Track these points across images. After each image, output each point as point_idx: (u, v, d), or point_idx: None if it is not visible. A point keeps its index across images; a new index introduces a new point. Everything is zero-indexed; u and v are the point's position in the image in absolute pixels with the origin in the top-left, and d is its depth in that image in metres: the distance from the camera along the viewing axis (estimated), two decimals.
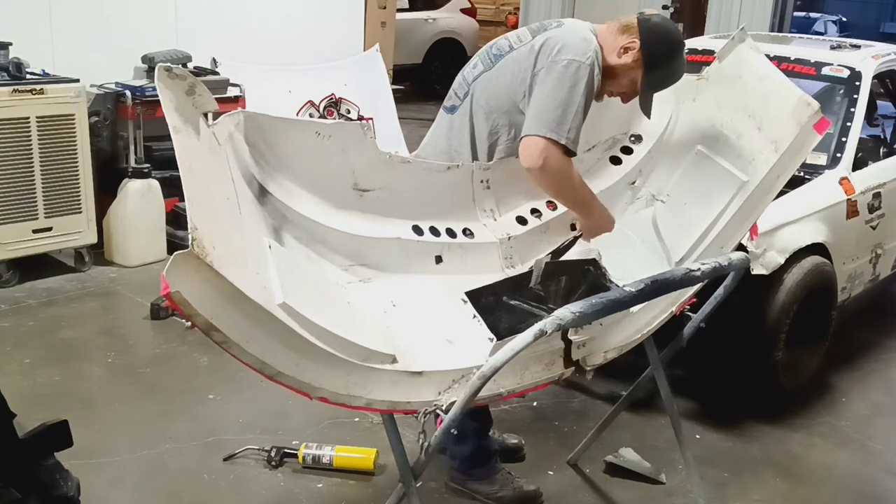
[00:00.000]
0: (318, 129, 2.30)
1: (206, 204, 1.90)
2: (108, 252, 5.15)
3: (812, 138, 2.68)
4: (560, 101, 2.50)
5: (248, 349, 1.89)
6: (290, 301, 1.95)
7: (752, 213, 2.79)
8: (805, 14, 21.51)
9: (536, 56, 2.60)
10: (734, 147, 2.76)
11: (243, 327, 1.86)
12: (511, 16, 12.23)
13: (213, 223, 1.85)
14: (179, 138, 1.93)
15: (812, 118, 2.63)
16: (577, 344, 2.48)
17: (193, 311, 1.76)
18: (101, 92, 5.21)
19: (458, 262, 2.58)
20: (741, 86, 2.79)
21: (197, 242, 1.73)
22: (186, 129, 1.97)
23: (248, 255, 1.99)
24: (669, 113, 2.93)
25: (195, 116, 2.00)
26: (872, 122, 4.67)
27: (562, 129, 2.48)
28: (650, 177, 2.94)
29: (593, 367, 2.58)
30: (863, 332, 4.63)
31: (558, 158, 2.49)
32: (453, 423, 2.11)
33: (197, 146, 1.98)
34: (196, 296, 1.75)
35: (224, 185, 2.04)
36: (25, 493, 1.73)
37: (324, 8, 6.79)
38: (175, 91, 1.99)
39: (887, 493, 3.38)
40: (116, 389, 3.75)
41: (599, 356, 2.59)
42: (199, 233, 1.75)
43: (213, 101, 2.06)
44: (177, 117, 1.95)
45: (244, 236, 2.05)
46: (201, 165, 1.97)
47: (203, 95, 2.03)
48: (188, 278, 1.73)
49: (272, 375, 1.96)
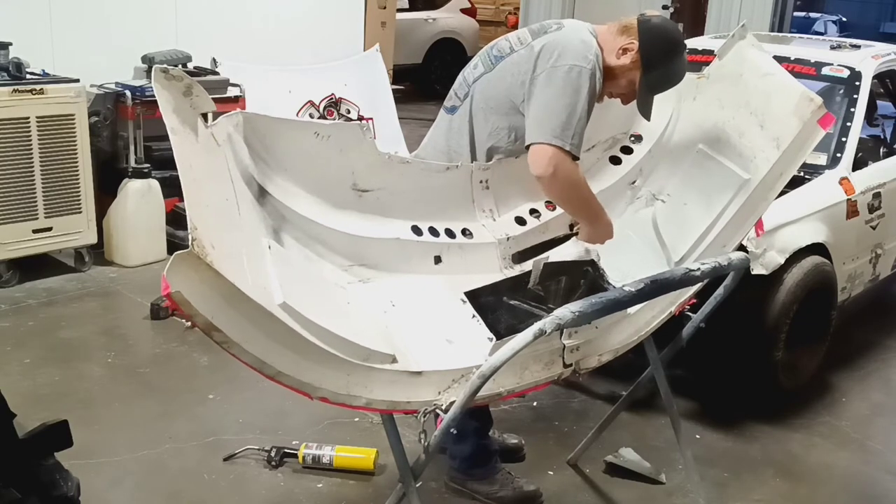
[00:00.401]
0: (317, 130, 2.30)
1: (206, 204, 1.90)
2: (108, 252, 5.15)
3: (816, 134, 2.67)
4: (563, 107, 2.50)
5: (248, 349, 1.89)
6: (290, 301, 1.95)
7: (754, 212, 2.78)
8: (805, 14, 21.49)
9: (536, 59, 2.60)
10: (736, 145, 2.75)
11: (243, 327, 1.86)
12: (511, 16, 12.24)
13: (212, 223, 1.85)
14: (177, 139, 1.93)
15: (815, 114, 2.63)
16: (570, 348, 2.48)
17: (194, 311, 1.76)
18: (101, 92, 5.22)
19: (458, 262, 2.58)
20: (742, 83, 2.79)
21: (197, 242, 1.74)
22: (184, 130, 1.97)
23: (248, 256, 1.99)
24: (670, 112, 2.92)
25: (193, 117, 2.00)
26: (872, 122, 4.67)
27: (567, 135, 2.48)
28: (650, 176, 2.94)
29: (587, 371, 2.59)
30: (863, 332, 4.63)
31: (567, 166, 2.50)
32: (453, 422, 2.11)
33: (195, 147, 1.99)
34: (196, 296, 1.75)
35: (223, 185, 2.04)
36: (25, 493, 1.73)
37: (324, 8, 6.79)
38: (172, 92, 1.99)
39: (887, 493, 3.38)
40: (116, 389, 3.75)
41: (594, 359, 2.59)
42: (199, 233, 1.75)
43: (210, 101, 2.06)
44: (174, 118, 1.95)
45: (243, 237, 2.05)
46: (200, 166, 1.97)
47: (200, 96, 2.03)
48: (188, 278, 1.73)
49: (272, 375, 1.96)
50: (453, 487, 3.11)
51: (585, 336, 2.52)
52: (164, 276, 1.69)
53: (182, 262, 1.72)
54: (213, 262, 1.74)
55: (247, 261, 1.95)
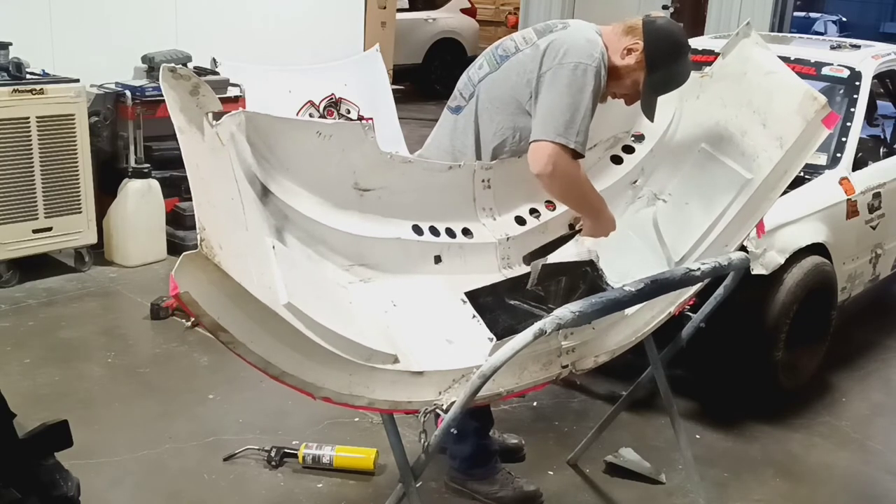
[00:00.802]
0: (319, 129, 2.30)
1: (213, 204, 1.90)
2: (108, 252, 5.15)
3: (820, 133, 2.66)
4: (568, 105, 2.50)
5: (254, 349, 1.89)
6: (295, 301, 1.95)
7: (756, 211, 2.77)
8: (805, 14, 21.50)
9: (542, 58, 2.59)
10: (738, 144, 2.74)
11: (249, 327, 1.86)
12: (511, 16, 12.23)
13: (219, 223, 1.85)
14: (185, 138, 1.93)
15: (819, 113, 2.62)
16: (566, 349, 2.48)
17: (202, 312, 1.75)
18: (101, 92, 5.22)
19: (457, 262, 2.58)
20: (746, 82, 2.78)
21: (205, 243, 1.73)
22: (191, 129, 1.97)
23: (253, 256, 1.99)
24: (672, 111, 2.92)
25: (199, 117, 2.00)
26: (872, 122, 4.67)
27: (570, 133, 2.48)
28: (652, 176, 2.93)
29: (583, 372, 2.58)
30: (863, 332, 4.63)
31: (567, 163, 2.49)
32: (453, 422, 2.11)
33: (202, 146, 1.99)
34: (204, 296, 1.75)
35: (228, 184, 2.04)
36: (25, 493, 1.73)
37: (324, 8, 6.78)
38: (179, 91, 1.99)
39: (887, 493, 3.38)
40: (116, 389, 3.75)
41: (590, 360, 2.58)
42: (207, 233, 1.75)
43: (216, 100, 2.07)
44: (182, 118, 1.95)
45: (248, 236, 2.05)
46: (207, 165, 1.97)
47: (207, 96, 2.03)
48: (196, 279, 1.73)
49: (277, 375, 1.96)
50: (453, 487, 3.11)
51: (582, 337, 2.52)
52: (173, 276, 1.69)
53: (190, 262, 1.72)
54: (220, 263, 1.74)
55: (252, 261, 1.95)
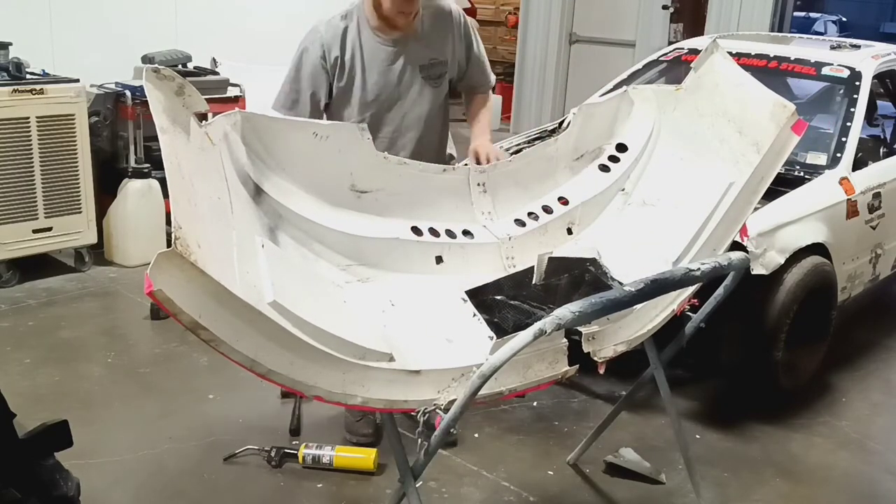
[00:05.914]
0: (316, 130, 2.31)
1: (194, 203, 1.89)
2: (108, 252, 5.16)
3: (791, 140, 2.71)
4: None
5: (238, 347, 1.86)
6: (281, 299, 1.94)
7: (740, 215, 2.80)
8: (805, 14, 21.50)
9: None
10: (717, 151, 2.79)
11: (232, 325, 1.84)
12: (511, 16, 12.18)
13: (199, 222, 1.85)
14: (167, 138, 1.93)
15: (790, 120, 2.66)
16: (587, 336, 2.47)
17: (177, 309, 1.74)
18: (101, 92, 5.22)
19: (459, 262, 2.58)
20: (719, 93, 2.83)
21: (180, 241, 1.72)
22: (175, 129, 1.97)
23: (239, 254, 1.98)
24: (651, 123, 2.96)
25: (185, 116, 2.00)
26: (872, 122, 4.66)
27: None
28: (639, 183, 2.97)
29: (604, 360, 2.58)
30: (863, 332, 4.63)
31: None
32: (453, 422, 2.11)
33: (187, 146, 1.98)
34: (181, 294, 1.73)
35: (216, 184, 2.04)
36: (25, 493, 1.74)
37: (324, 8, 6.76)
38: (164, 92, 1.99)
39: (887, 493, 3.38)
40: (116, 389, 3.75)
41: (609, 349, 2.58)
42: (184, 231, 1.74)
43: (202, 101, 2.07)
44: (164, 118, 1.95)
45: (235, 235, 2.04)
46: (190, 165, 1.96)
47: (192, 96, 2.03)
48: (173, 277, 1.71)
49: (263, 374, 1.94)
50: None
51: (600, 324, 2.50)
52: (148, 274, 1.67)
53: (166, 260, 1.70)
54: (197, 261, 1.72)
55: (237, 259, 1.94)
